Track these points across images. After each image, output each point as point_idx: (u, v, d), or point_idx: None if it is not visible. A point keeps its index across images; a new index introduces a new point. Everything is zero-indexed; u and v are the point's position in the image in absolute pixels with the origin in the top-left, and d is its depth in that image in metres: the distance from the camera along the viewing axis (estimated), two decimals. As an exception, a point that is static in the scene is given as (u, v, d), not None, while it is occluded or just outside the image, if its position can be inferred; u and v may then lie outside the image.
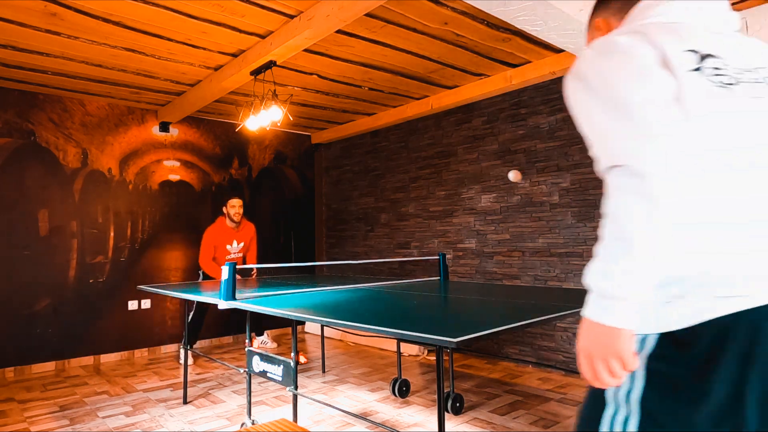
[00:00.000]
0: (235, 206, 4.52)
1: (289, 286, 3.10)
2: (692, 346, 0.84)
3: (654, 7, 1.00)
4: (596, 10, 1.16)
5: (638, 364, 0.86)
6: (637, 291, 0.79)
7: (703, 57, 0.89)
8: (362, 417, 2.26)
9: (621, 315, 0.80)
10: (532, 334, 4.05)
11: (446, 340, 1.29)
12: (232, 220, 4.53)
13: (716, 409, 0.81)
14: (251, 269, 4.64)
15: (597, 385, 0.85)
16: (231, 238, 4.57)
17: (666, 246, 0.80)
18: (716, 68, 0.89)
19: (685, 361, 0.85)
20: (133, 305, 4.76)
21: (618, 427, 0.89)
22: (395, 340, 4.02)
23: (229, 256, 4.57)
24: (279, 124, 3.93)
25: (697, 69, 0.87)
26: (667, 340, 0.87)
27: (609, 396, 0.92)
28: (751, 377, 0.81)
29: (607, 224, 0.83)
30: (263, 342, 5.00)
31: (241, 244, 4.64)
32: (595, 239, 3.65)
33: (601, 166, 0.88)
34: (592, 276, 0.83)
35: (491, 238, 4.41)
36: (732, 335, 0.82)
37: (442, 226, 4.85)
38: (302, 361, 4.36)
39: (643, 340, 0.89)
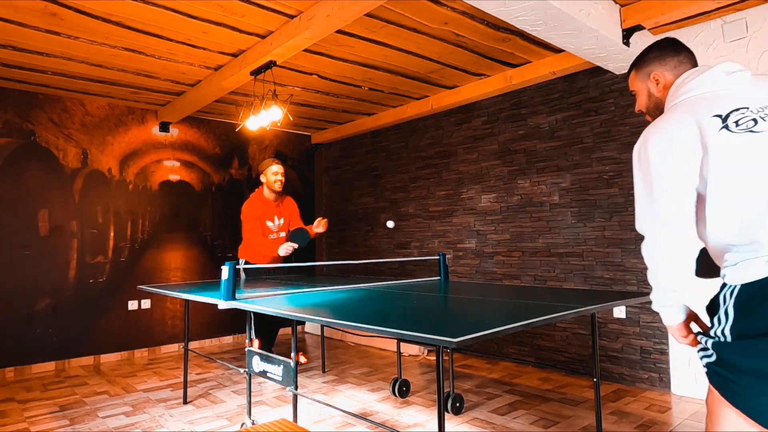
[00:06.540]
0: (278, 173, 3.91)
1: (289, 286, 3.10)
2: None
3: (688, 82, 1.29)
4: (652, 63, 1.42)
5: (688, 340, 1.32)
6: (664, 305, 1.31)
7: (726, 116, 1.17)
8: (362, 417, 2.26)
9: (664, 319, 1.34)
10: (532, 334, 4.05)
11: (446, 340, 1.29)
12: (272, 191, 3.94)
13: None
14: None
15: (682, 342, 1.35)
16: (272, 213, 3.97)
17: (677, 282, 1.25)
18: (738, 120, 1.16)
19: None
20: (133, 305, 4.76)
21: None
22: (395, 340, 4.02)
23: (271, 235, 3.96)
24: (279, 124, 3.93)
25: (723, 127, 1.16)
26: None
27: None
28: None
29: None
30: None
31: (281, 221, 4.01)
32: (595, 239, 3.66)
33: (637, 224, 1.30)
34: (654, 299, 1.33)
35: (491, 238, 4.41)
36: None
37: (442, 226, 4.85)
38: (302, 361, 4.35)
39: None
